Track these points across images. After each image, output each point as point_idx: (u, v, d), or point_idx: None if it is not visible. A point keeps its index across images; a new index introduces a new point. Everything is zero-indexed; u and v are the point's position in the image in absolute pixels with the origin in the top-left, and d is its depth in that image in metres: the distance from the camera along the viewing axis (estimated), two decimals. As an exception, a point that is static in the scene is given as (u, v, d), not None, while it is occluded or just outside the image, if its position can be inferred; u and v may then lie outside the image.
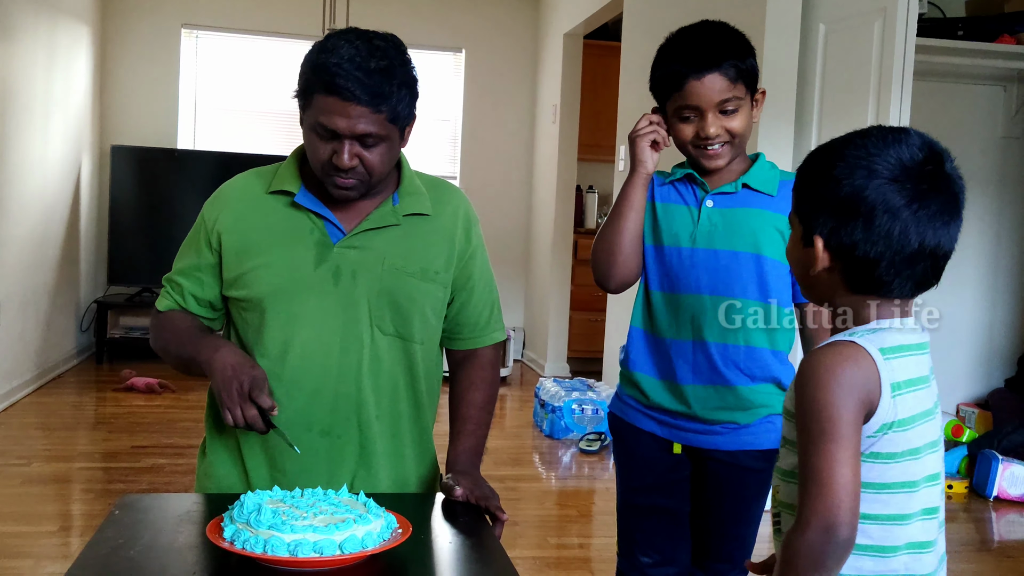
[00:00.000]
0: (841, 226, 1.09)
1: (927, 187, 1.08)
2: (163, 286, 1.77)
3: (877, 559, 1.10)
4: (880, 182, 1.07)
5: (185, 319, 1.73)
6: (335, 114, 1.53)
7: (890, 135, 1.11)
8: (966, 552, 3.55)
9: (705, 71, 1.62)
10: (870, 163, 1.09)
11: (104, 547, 1.31)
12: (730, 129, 1.65)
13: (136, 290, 6.40)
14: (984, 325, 4.84)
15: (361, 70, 1.52)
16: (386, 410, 1.69)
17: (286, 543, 1.22)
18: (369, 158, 1.58)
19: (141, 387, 5.40)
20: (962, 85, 4.64)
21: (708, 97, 1.62)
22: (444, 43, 7.04)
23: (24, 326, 5.25)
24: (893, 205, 1.07)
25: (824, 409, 1.04)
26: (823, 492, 1.02)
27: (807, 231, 1.12)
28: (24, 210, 5.22)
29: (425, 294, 1.69)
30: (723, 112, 1.63)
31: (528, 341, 7.12)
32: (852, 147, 1.11)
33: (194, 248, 1.73)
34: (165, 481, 3.85)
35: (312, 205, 1.66)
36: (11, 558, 2.99)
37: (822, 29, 3.73)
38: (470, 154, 7.12)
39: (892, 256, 1.09)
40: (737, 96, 1.63)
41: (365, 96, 1.52)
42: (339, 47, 1.54)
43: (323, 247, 1.65)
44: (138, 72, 6.62)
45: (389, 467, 1.71)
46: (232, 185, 1.76)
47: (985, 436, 4.45)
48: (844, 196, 1.08)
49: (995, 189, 4.77)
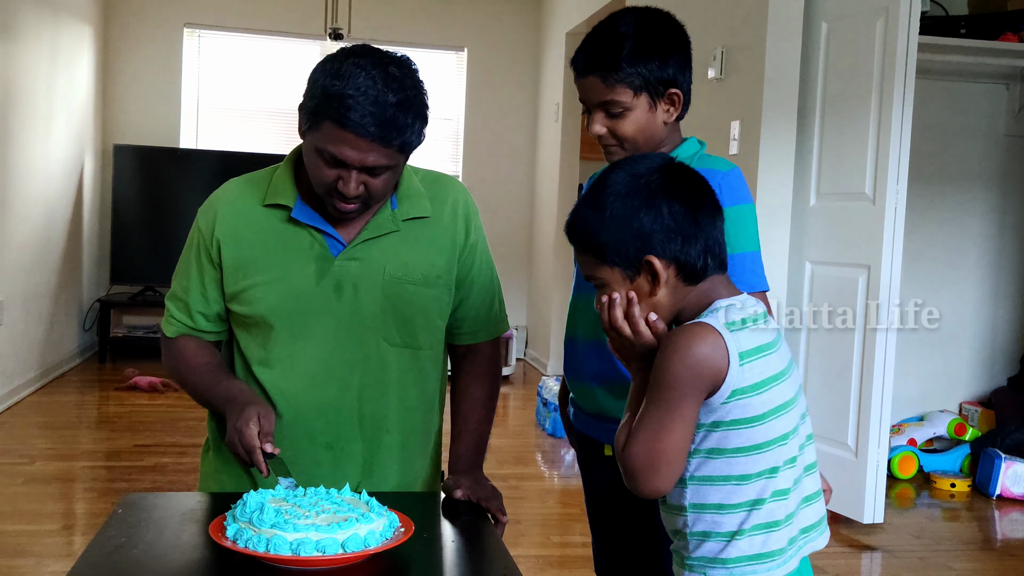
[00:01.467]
0: (667, 242, 1.21)
1: (666, 193, 1.24)
2: (167, 307, 1.71)
3: (724, 515, 1.22)
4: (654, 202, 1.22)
5: (197, 354, 1.69)
6: (345, 145, 1.48)
7: (622, 167, 1.28)
8: (969, 551, 3.55)
9: (584, 73, 1.57)
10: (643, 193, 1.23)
11: (107, 546, 1.31)
12: (616, 132, 1.56)
13: (139, 289, 6.41)
14: (987, 323, 4.84)
15: (377, 105, 1.45)
16: (395, 422, 1.67)
17: (289, 542, 1.22)
18: (374, 184, 1.53)
19: (144, 386, 5.41)
20: (965, 83, 4.63)
21: (589, 97, 1.58)
22: (446, 42, 7.04)
23: (27, 325, 5.26)
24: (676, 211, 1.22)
25: (670, 380, 1.16)
26: (645, 449, 1.16)
27: (634, 264, 1.22)
28: (27, 209, 5.23)
29: (429, 300, 1.67)
30: (610, 115, 1.56)
31: (531, 340, 7.12)
32: (616, 190, 1.24)
33: (195, 263, 1.67)
34: (168, 480, 3.85)
35: (310, 220, 1.61)
36: (14, 557, 3.00)
37: (824, 27, 3.73)
38: (472, 153, 7.12)
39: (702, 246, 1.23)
40: (618, 100, 1.54)
41: (379, 133, 1.46)
42: (354, 75, 1.46)
43: (323, 261, 1.62)
44: (141, 71, 6.63)
45: (396, 476, 1.69)
46: (225, 196, 1.69)
47: (988, 435, 4.45)
48: (652, 223, 1.22)
49: (997, 187, 4.76)
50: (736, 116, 3.89)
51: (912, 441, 4.49)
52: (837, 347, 3.66)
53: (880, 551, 3.44)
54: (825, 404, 3.72)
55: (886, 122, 3.45)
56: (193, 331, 1.70)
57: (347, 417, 1.64)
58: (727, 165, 1.57)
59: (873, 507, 3.55)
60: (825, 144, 3.74)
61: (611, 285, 1.23)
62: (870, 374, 3.51)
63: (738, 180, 1.55)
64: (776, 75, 3.71)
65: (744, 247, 1.50)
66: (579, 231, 1.25)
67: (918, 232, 4.45)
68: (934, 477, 4.30)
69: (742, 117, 3.85)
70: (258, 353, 1.64)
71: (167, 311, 1.72)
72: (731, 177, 1.54)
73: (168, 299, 1.72)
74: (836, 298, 3.66)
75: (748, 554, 1.20)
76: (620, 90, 1.54)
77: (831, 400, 3.68)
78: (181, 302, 1.69)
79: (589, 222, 1.24)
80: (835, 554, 3.38)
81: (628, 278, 1.22)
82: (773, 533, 1.21)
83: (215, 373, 1.66)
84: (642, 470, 1.18)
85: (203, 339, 1.71)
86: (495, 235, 6.21)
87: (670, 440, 1.17)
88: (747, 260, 1.50)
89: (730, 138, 3.91)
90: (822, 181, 3.75)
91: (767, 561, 1.20)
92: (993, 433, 4.43)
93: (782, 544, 1.21)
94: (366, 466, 1.66)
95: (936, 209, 4.66)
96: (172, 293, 1.71)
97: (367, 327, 1.63)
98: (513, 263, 7.07)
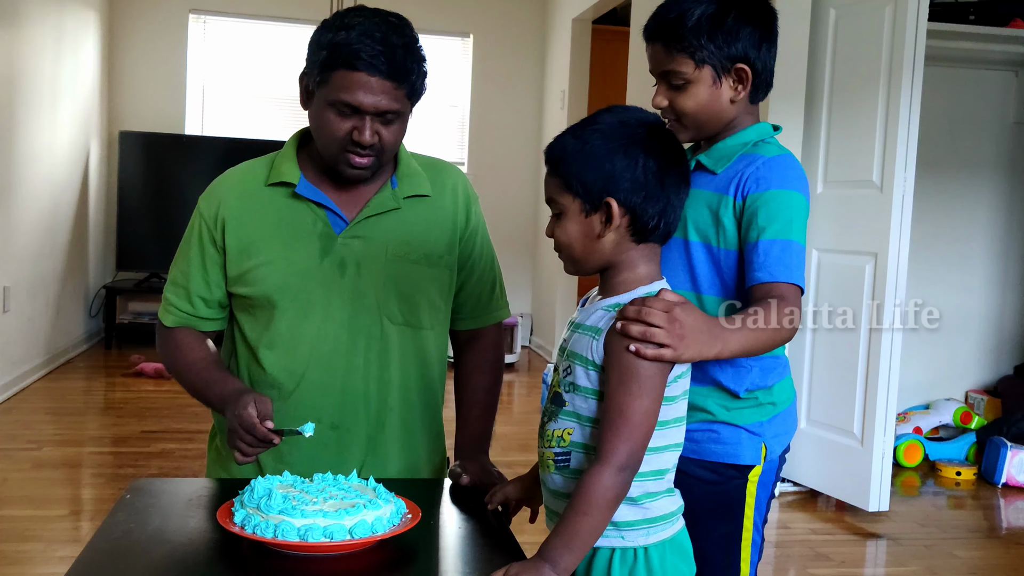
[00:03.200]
0: (631, 192, 1.25)
1: (645, 148, 1.27)
2: (167, 296, 1.71)
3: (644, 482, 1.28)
4: (631, 150, 1.25)
5: (194, 348, 1.68)
6: (359, 90, 1.52)
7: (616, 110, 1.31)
8: (974, 539, 3.55)
9: (649, 40, 1.48)
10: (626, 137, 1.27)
11: (116, 531, 1.32)
12: (676, 105, 1.47)
13: (144, 275, 6.41)
14: (994, 311, 4.83)
15: (385, 44, 1.51)
16: (397, 401, 1.68)
17: (296, 528, 1.22)
18: (386, 134, 1.57)
19: (150, 372, 5.42)
20: (973, 70, 4.61)
21: (652, 66, 1.50)
22: (452, 28, 7.01)
23: (33, 312, 5.27)
24: (651, 167, 1.26)
25: (650, 368, 1.20)
26: (633, 434, 1.19)
27: (594, 200, 1.25)
28: (33, 196, 5.23)
29: (431, 280, 1.69)
30: (672, 86, 1.47)
31: (536, 327, 7.12)
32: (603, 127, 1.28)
33: (196, 248, 1.67)
34: (175, 466, 3.87)
35: (313, 195, 1.63)
36: (22, 542, 3.01)
37: (833, 14, 3.71)
38: (478, 140, 7.11)
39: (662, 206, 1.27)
40: (678, 70, 1.45)
41: (391, 71, 1.51)
42: (356, 24, 1.53)
43: (327, 239, 1.63)
44: (146, 57, 6.62)
45: (400, 457, 1.70)
46: (228, 180, 1.71)
47: (994, 423, 4.45)
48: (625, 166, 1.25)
49: (1006, 175, 4.74)
50: (743, 103, 3.87)
51: (918, 429, 4.49)
52: (843, 335, 3.66)
53: (885, 539, 3.45)
54: (831, 392, 3.72)
55: (894, 109, 3.43)
56: (192, 318, 1.69)
57: (352, 396, 1.64)
58: (778, 150, 1.46)
59: (878, 495, 3.55)
60: (833, 131, 3.72)
61: (567, 214, 1.27)
62: (876, 362, 3.50)
63: (785, 164, 1.43)
64: (784, 61, 3.65)
65: (776, 234, 1.37)
66: (556, 154, 1.28)
67: (926, 220, 4.43)
68: (939, 465, 4.30)
69: (749, 104, 3.83)
70: (262, 335, 1.65)
71: (165, 299, 1.72)
72: (775, 161, 1.42)
73: (167, 287, 1.72)
74: (843, 286, 3.65)
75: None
76: (681, 60, 1.44)
77: (837, 388, 3.68)
78: (180, 288, 1.69)
79: (568, 149, 1.27)
80: (840, 542, 3.39)
81: (584, 212, 1.26)
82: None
83: (211, 371, 1.66)
84: (635, 465, 1.22)
85: (200, 330, 1.71)
86: (500, 222, 6.21)
87: (651, 420, 1.23)
88: (775, 247, 1.36)
89: (737, 125, 3.89)
90: (829, 168, 3.74)
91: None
92: (999, 421, 4.42)
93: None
94: (370, 447, 1.67)
95: (944, 197, 4.65)
96: (171, 280, 1.71)
97: (369, 305, 1.64)
98: (518, 250, 7.06)
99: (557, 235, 1.29)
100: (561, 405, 1.29)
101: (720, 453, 1.45)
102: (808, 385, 3.82)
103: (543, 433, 1.33)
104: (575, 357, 1.28)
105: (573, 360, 1.28)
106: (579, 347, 1.27)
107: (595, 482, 1.19)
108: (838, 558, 3.22)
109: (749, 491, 1.47)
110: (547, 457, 1.31)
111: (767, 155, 1.43)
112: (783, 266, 1.36)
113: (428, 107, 6.98)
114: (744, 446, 1.45)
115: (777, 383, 1.49)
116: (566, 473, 1.29)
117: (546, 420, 1.33)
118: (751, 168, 1.42)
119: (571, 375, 1.28)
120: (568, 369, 1.29)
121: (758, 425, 1.46)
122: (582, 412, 1.27)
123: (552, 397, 1.33)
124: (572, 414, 1.28)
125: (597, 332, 1.25)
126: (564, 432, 1.28)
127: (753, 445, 1.45)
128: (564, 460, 1.29)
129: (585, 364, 1.26)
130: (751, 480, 1.47)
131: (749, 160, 1.43)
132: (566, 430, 1.28)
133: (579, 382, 1.27)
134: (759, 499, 1.48)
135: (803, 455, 3.82)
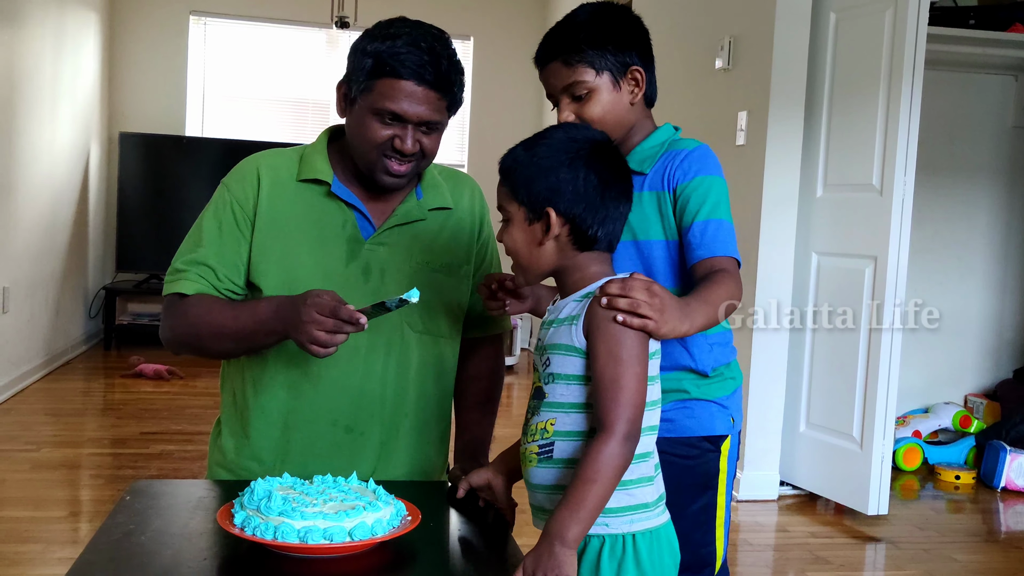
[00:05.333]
0: (571, 203, 1.31)
1: (588, 163, 1.33)
2: (182, 270, 1.61)
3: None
4: (575, 163, 1.32)
5: (218, 299, 1.60)
6: (405, 99, 1.53)
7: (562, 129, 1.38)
8: (973, 543, 3.55)
9: (546, 62, 1.61)
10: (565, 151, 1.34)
11: (115, 532, 1.32)
12: (583, 115, 1.56)
13: (144, 276, 6.42)
14: (993, 315, 4.83)
15: (432, 54, 1.53)
16: (412, 407, 1.68)
17: (296, 529, 1.22)
18: (427, 143, 1.59)
19: (149, 373, 5.42)
20: (973, 74, 4.61)
21: (553, 86, 1.61)
22: (452, 31, 6.89)
23: (33, 312, 5.27)
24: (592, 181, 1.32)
25: (634, 338, 1.25)
26: (632, 400, 1.24)
27: (537, 209, 1.32)
28: (33, 197, 5.23)
29: (452, 289, 1.70)
30: (575, 98, 1.57)
31: (535, 330, 7.12)
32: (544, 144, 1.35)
33: (229, 228, 1.60)
34: (173, 467, 3.86)
35: (346, 196, 1.63)
36: (21, 543, 3.01)
37: (833, 17, 3.71)
38: (478, 142, 7.11)
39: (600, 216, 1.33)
40: (581, 80, 1.55)
41: (437, 81, 1.53)
42: (403, 33, 1.54)
43: (354, 243, 1.63)
44: (146, 59, 6.63)
45: (410, 463, 1.70)
46: (260, 163, 1.65)
47: (993, 427, 4.45)
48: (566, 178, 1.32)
49: (1005, 179, 4.75)
50: (743, 106, 3.88)
51: (917, 433, 4.49)
52: (843, 338, 3.66)
53: (884, 542, 3.45)
54: (830, 396, 3.72)
55: (894, 113, 3.44)
56: (216, 291, 1.60)
57: (368, 400, 1.64)
58: (695, 143, 1.57)
59: (877, 499, 3.55)
60: (833, 135, 3.73)
61: (513, 221, 1.35)
62: (876, 365, 3.51)
63: (704, 154, 1.55)
64: (784, 65, 3.70)
65: (708, 214, 1.49)
66: (507, 164, 1.36)
67: (925, 223, 4.44)
68: (939, 469, 4.30)
69: (749, 107, 3.84)
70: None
71: (180, 273, 1.61)
72: (696, 152, 1.54)
73: (183, 263, 1.61)
74: (842, 289, 3.65)
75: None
76: (582, 70, 1.56)
77: (836, 392, 3.68)
78: (205, 267, 1.60)
79: (518, 160, 1.35)
80: (839, 545, 3.39)
81: (527, 219, 1.33)
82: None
83: (247, 302, 1.58)
84: (636, 435, 1.26)
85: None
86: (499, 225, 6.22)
87: (644, 393, 1.28)
88: (710, 226, 1.49)
89: (737, 128, 3.90)
90: (829, 172, 3.74)
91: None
92: (998, 425, 4.43)
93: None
94: (382, 451, 1.67)
95: (943, 201, 4.65)
96: (193, 260, 1.60)
97: (392, 312, 1.63)
98: (518, 253, 7.06)
99: (505, 240, 1.37)
100: (542, 398, 1.34)
101: (695, 428, 1.56)
102: (807, 388, 3.82)
103: (526, 429, 1.37)
104: (554, 348, 1.32)
105: (552, 351, 1.32)
106: (557, 338, 1.32)
107: (601, 450, 1.22)
108: (837, 561, 3.22)
109: (722, 464, 1.59)
110: (530, 452, 1.35)
111: (687, 148, 1.56)
112: (719, 242, 1.49)
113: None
114: (716, 418, 1.57)
115: (733, 359, 1.63)
116: (549, 464, 1.32)
117: (529, 416, 1.37)
118: (676, 161, 1.54)
119: (549, 366, 1.32)
120: (547, 361, 1.33)
121: (725, 399, 1.59)
122: (564, 400, 1.31)
123: (534, 392, 1.37)
124: (553, 404, 1.32)
125: (574, 319, 1.30)
126: (547, 423, 1.32)
127: (724, 417, 1.58)
128: (547, 451, 1.32)
129: (566, 351, 1.30)
130: (723, 453, 1.59)
131: (672, 155, 1.55)
132: (548, 421, 1.32)
133: (558, 371, 1.31)
134: (729, 474, 1.60)
135: (802, 458, 3.82)
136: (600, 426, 1.24)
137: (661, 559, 1.32)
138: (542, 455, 1.32)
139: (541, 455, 1.32)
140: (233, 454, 1.69)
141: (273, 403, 1.64)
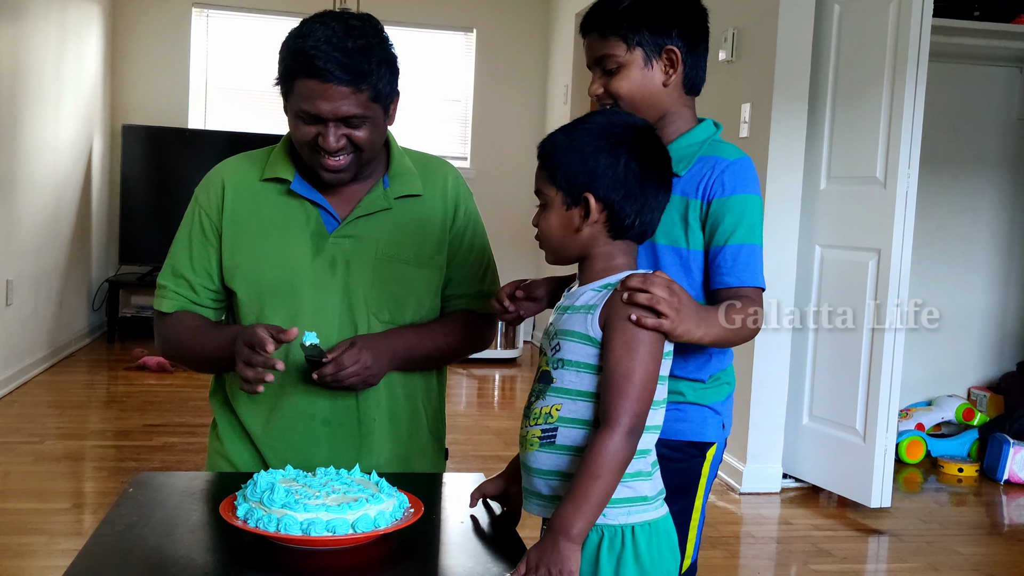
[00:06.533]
0: (610, 189, 1.31)
1: (630, 149, 1.33)
2: (163, 286, 1.71)
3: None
4: (620, 152, 1.31)
5: (195, 319, 1.70)
6: (317, 98, 1.53)
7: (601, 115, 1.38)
8: (976, 535, 3.55)
9: (585, 33, 1.56)
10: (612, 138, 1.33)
11: (119, 524, 1.32)
12: (610, 89, 1.52)
13: (147, 269, 6.42)
14: (997, 308, 4.82)
15: (339, 50, 1.51)
16: (383, 396, 1.69)
17: (299, 522, 1.22)
18: (358, 136, 1.58)
19: (153, 366, 5.43)
20: (978, 66, 4.59)
21: (588, 57, 1.56)
22: (455, 23, 7.00)
23: (36, 305, 5.27)
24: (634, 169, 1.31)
25: (651, 335, 1.26)
26: (640, 395, 1.24)
27: (575, 194, 1.31)
28: (36, 190, 5.23)
29: (420, 279, 1.70)
30: (605, 72, 1.53)
31: (538, 322, 7.12)
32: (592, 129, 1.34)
33: (198, 238, 1.69)
34: (177, 459, 3.87)
35: (307, 193, 1.65)
36: (25, 535, 3.02)
37: (837, 9, 3.70)
38: (481, 135, 7.10)
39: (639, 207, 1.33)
40: (611, 53, 1.51)
41: (345, 76, 1.51)
42: (315, 30, 1.53)
43: (319, 237, 1.65)
44: (149, 51, 6.62)
45: (390, 449, 1.71)
46: (225, 171, 1.72)
47: (996, 420, 4.44)
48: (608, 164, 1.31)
49: (1009, 171, 4.73)
50: (747, 99, 3.87)
51: (920, 426, 4.49)
52: (846, 331, 3.65)
53: (887, 535, 3.44)
54: (833, 388, 3.72)
55: (898, 105, 3.43)
56: (192, 304, 1.70)
57: (341, 393, 1.65)
58: (736, 153, 1.51)
59: (881, 491, 3.54)
60: (836, 127, 3.71)
61: (550, 205, 1.34)
62: (879, 358, 3.50)
63: (745, 169, 1.48)
64: (788, 57, 3.69)
65: (742, 238, 1.44)
66: (546, 148, 1.35)
67: (929, 216, 4.42)
68: (942, 462, 4.29)
69: (753, 100, 3.83)
70: None
71: (162, 289, 1.72)
72: (737, 166, 1.48)
73: (164, 278, 1.72)
74: (846, 282, 3.65)
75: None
76: (613, 43, 1.52)
77: (839, 384, 3.68)
78: (181, 279, 1.69)
79: (557, 144, 1.34)
80: (842, 538, 3.39)
81: (565, 204, 1.33)
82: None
83: (216, 327, 1.68)
84: (641, 427, 1.27)
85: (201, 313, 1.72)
86: (503, 217, 6.21)
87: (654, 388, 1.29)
88: (743, 252, 1.44)
89: (740, 121, 3.89)
90: (833, 164, 3.73)
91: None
92: (1001, 418, 4.42)
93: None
94: (360, 441, 1.68)
95: (947, 193, 4.64)
96: (171, 271, 1.71)
97: (358, 303, 1.65)
98: (520, 245, 7.03)
99: (540, 225, 1.37)
100: (549, 383, 1.33)
101: (685, 432, 1.53)
102: (811, 381, 3.81)
103: (529, 412, 1.36)
104: (567, 334, 1.31)
105: (564, 337, 1.32)
106: (571, 324, 1.31)
107: (605, 445, 1.22)
108: (840, 554, 3.22)
109: (704, 470, 1.56)
110: (532, 436, 1.34)
111: (728, 158, 1.49)
112: (749, 271, 1.45)
113: (431, 102, 6.98)
114: (708, 424, 1.54)
115: (730, 364, 1.59)
116: (550, 450, 1.31)
117: (533, 399, 1.36)
118: (715, 172, 1.47)
119: (560, 352, 1.32)
120: (557, 347, 1.32)
121: (719, 404, 1.55)
122: (572, 387, 1.30)
123: (540, 376, 1.36)
124: (561, 390, 1.31)
125: (591, 309, 1.29)
126: (552, 408, 1.32)
127: (715, 423, 1.55)
128: (550, 436, 1.32)
129: (581, 339, 1.29)
130: (707, 459, 1.55)
131: (711, 163, 1.49)
132: (554, 406, 1.32)
133: (569, 357, 1.30)
134: (710, 479, 1.57)
135: (805, 451, 3.82)
136: (604, 419, 1.24)
137: (660, 553, 1.31)
138: (544, 440, 1.32)
139: (543, 440, 1.32)
140: (228, 443, 1.73)
141: (257, 398, 1.66)
